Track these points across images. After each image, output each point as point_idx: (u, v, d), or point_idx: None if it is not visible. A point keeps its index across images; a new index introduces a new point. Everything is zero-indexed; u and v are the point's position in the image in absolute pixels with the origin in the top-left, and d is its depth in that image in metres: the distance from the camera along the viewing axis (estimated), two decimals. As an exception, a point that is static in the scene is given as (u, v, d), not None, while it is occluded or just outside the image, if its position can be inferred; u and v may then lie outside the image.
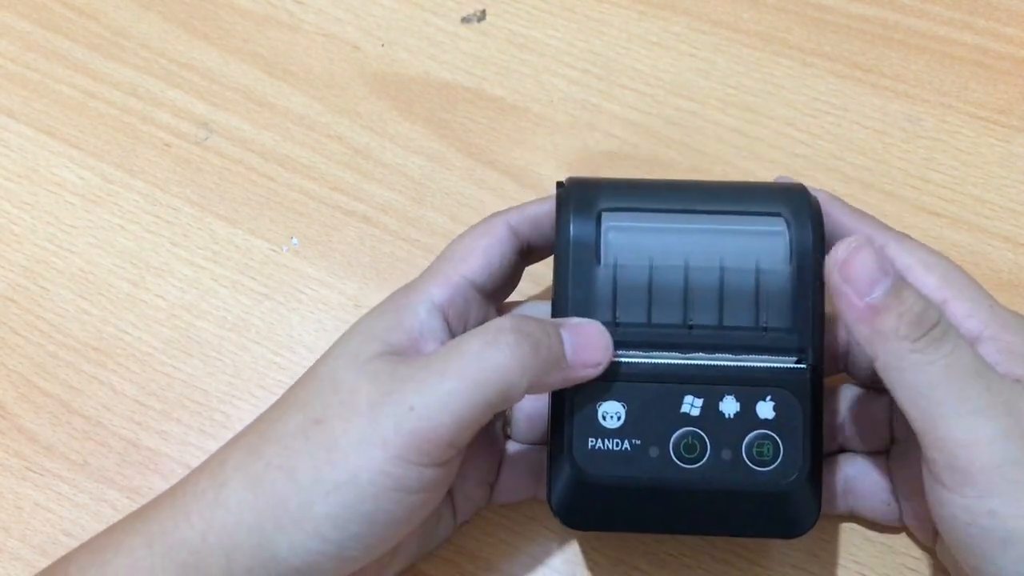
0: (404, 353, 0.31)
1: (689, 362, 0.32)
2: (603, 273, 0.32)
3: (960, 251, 0.42)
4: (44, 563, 0.38)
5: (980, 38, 0.47)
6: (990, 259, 0.42)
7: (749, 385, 0.32)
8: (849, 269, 0.29)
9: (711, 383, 0.32)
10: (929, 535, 0.35)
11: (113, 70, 0.49)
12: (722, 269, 0.32)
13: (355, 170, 0.46)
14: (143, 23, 0.51)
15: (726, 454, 0.32)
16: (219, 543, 0.29)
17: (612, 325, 0.32)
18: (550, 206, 0.34)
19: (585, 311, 0.32)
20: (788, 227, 0.32)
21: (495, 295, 0.35)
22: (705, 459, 0.32)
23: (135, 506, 0.39)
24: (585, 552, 0.37)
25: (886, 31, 0.48)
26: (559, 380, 0.31)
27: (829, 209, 0.34)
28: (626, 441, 0.32)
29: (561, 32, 0.49)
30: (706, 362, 0.32)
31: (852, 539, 0.37)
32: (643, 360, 0.32)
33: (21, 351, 0.43)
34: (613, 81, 0.47)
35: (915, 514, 0.35)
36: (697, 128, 0.46)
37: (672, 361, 0.32)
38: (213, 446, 0.40)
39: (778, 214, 0.33)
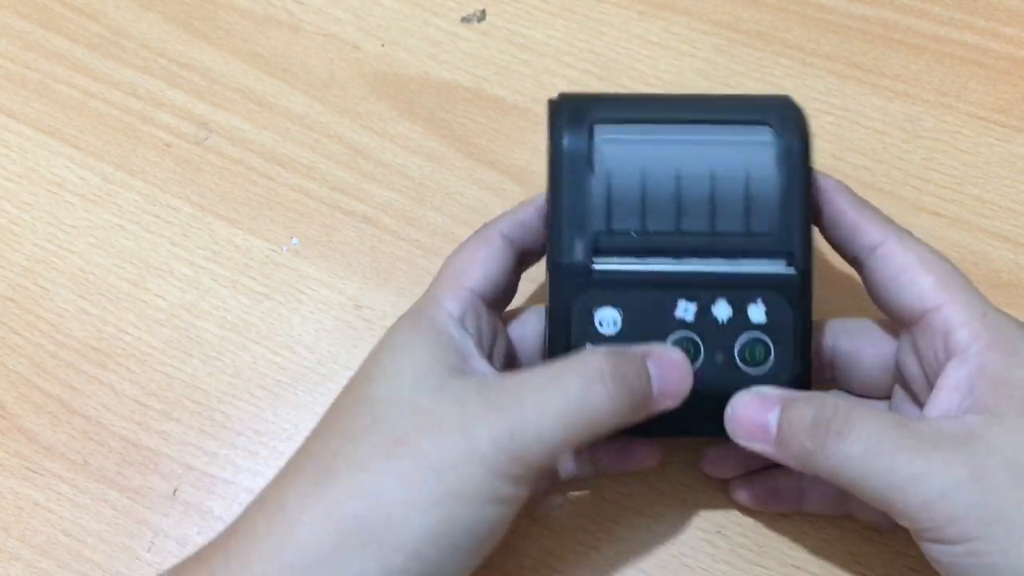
0: (458, 366, 0.31)
1: (682, 268, 0.33)
2: (596, 182, 0.33)
3: (960, 251, 0.42)
4: (44, 563, 0.38)
5: (980, 38, 0.47)
6: (990, 259, 0.42)
7: (741, 289, 0.33)
8: (741, 427, 0.31)
9: (704, 288, 0.33)
10: (881, 524, 0.35)
11: (113, 70, 0.49)
12: (712, 177, 0.33)
13: (355, 170, 0.46)
14: (143, 23, 0.51)
15: (719, 357, 0.32)
16: None
17: (606, 233, 0.33)
18: (537, 207, 0.35)
19: (580, 220, 0.33)
20: (775, 136, 0.33)
21: (497, 304, 0.35)
22: (699, 362, 0.32)
23: (135, 506, 0.39)
24: (585, 552, 0.37)
25: (886, 31, 0.48)
26: (643, 415, 0.31)
27: (834, 198, 0.34)
28: (622, 342, 0.32)
29: (561, 32, 0.49)
30: (698, 268, 0.33)
31: (852, 539, 0.37)
32: (637, 267, 0.33)
33: (21, 351, 0.43)
34: (613, 81, 0.47)
35: (862, 512, 0.35)
36: (697, 128, 0.46)
37: (665, 267, 0.33)
38: (213, 446, 0.40)
39: (765, 123, 0.33)
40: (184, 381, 0.42)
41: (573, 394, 0.29)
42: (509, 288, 0.36)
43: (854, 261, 0.34)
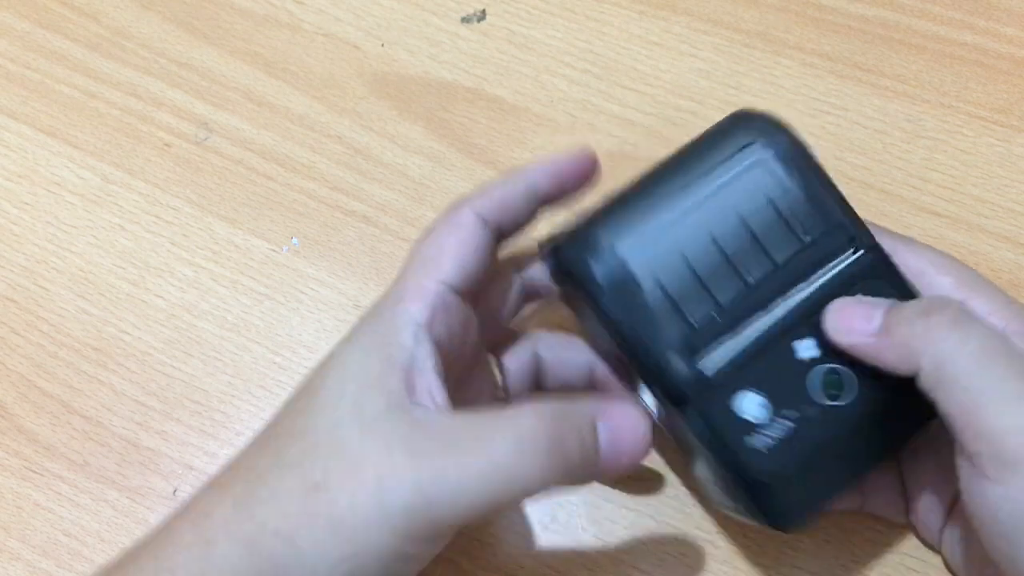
0: (399, 394, 0.29)
1: (774, 315, 0.32)
2: (649, 293, 0.32)
3: (960, 251, 0.42)
4: (44, 563, 0.38)
5: (980, 38, 0.47)
6: (990, 259, 0.42)
7: (837, 296, 0.32)
8: (841, 320, 0.30)
9: (805, 317, 0.31)
10: (933, 534, 0.35)
11: (113, 70, 0.49)
12: (741, 219, 0.32)
13: (355, 170, 0.46)
14: (143, 23, 0.51)
15: (862, 370, 0.31)
16: None
17: (691, 332, 0.31)
18: (516, 187, 0.33)
19: (663, 340, 0.31)
20: (765, 146, 0.33)
21: (472, 293, 0.34)
22: (848, 387, 0.31)
23: (135, 506, 0.39)
24: (585, 552, 0.37)
25: (886, 31, 0.48)
26: (588, 480, 0.30)
27: None
28: (779, 419, 0.31)
29: (561, 32, 0.49)
30: (787, 304, 0.32)
31: (853, 539, 0.37)
32: (738, 342, 0.31)
33: (21, 351, 0.43)
34: (613, 81, 0.47)
35: (922, 512, 0.35)
36: (697, 128, 0.46)
37: (760, 324, 0.31)
38: (213, 446, 0.40)
39: (750, 142, 0.33)
40: (184, 381, 0.42)
41: (500, 458, 0.27)
42: (485, 274, 0.33)
43: None
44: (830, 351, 0.31)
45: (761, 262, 0.32)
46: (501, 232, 0.33)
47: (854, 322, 0.30)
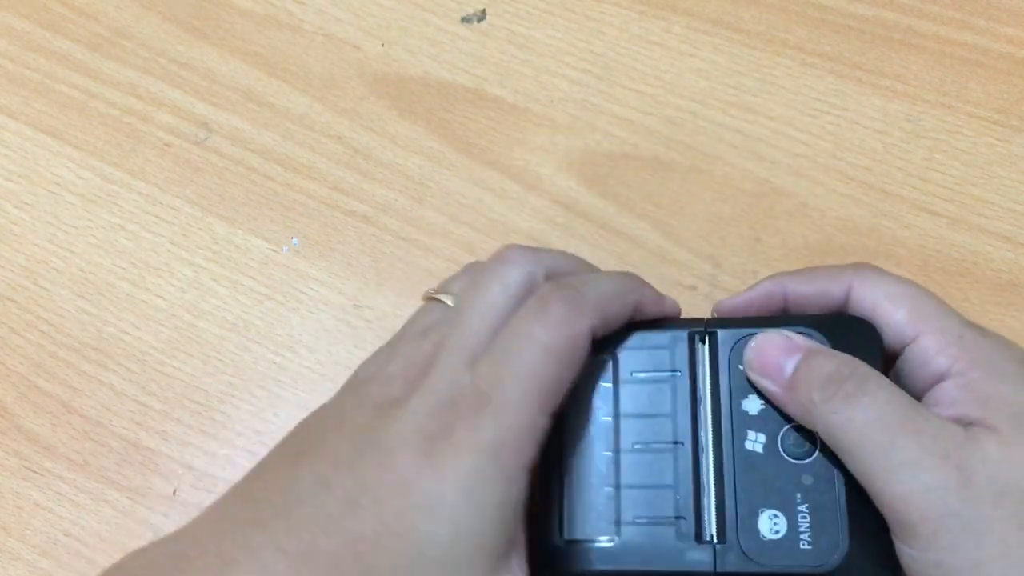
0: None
1: (705, 443, 0.31)
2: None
3: (960, 251, 0.42)
4: (44, 563, 0.38)
5: (980, 38, 0.47)
6: (990, 259, 0.42)
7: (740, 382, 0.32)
8: (759, 362, 0.31)
9: (728, 420, 0.31)
10: None
11: (113, 70, 0.49)
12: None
13: (355, 170, 0.46)
14: (143, 23, 0.51)
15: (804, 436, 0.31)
16: None
17: (680, 525, 0.31)
18: (626, 309, 0.31)
19: (677, 558, 0.31)
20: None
21: None
22: (811, 446, 0.31)
23: (135, 506, 0.39)
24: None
25: (886, 31, 0.48)
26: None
27: (783, 286, 0.33)
28: (800, 515, 0.30)
29: (561, 32, 0.49)
30: (706, 429, 0.31)
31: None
32: (706, 492, 0.31)
33: (21, 351, 0.43)
34: (613, 81, 0.47)
35: None
36: (697, 128, 0.46)
37: (704, 460, 0.31)
38: (213, 446, 0.40)
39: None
40: (184, 381, 0.42)
41: None
42: None
43: None
44: (770, 423, 0.31)
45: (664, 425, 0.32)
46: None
47: (768, 366, 0.30)
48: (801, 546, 0.30)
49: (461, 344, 0.28)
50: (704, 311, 0.42)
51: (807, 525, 0.30)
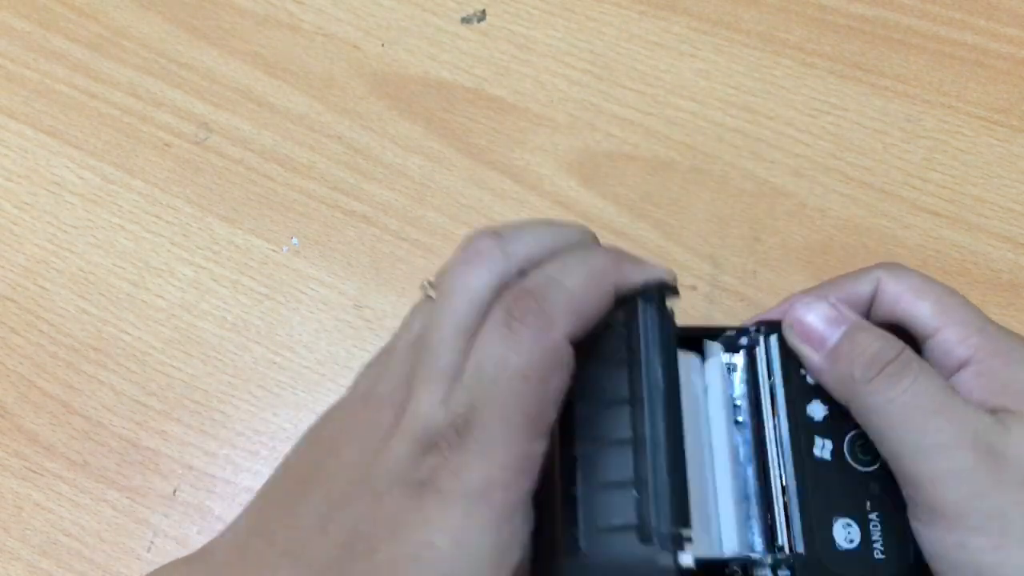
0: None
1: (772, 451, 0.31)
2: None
3: (960, 251, 0.42)
4: (44, 563, 0.38)
5: (980, 38, 0.47)
6: (990, 259, 0.42)
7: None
8: (802, 328, 0.31)
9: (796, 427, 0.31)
10: None
11: (113, 70, 0.49)
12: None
13: (355, 170, 0.46)
14: (143, 23, 0.51)
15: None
16: None
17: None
18: (605, 300, 0.28)
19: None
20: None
21: None
22: (876, 454, 0.30)
23: (135, 506, 0.39)
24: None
25: (886, 31, 0.48)
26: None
27: (821, 294, 0.33)
28: (871, 524, 0.30)
29: (561, 32, 0.49)
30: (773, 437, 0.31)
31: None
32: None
33: (21, 351, 0.43)
34: (613, 81, 0.47)
35: None
36: (697, 128, 0.46)
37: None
38: (213, 446, 0.40)
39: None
40: (184, 381, 0.42)
41: None
42: None
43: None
44: (836, 429, 0.31)
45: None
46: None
47: (811, 332, 0.31)
48: (875, 555, 0.30)
49: (429, 375, 0.27)
50: (704, 311, 0.42)
51: (879, 534, 0.30)
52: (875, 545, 0.30)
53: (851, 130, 0.45)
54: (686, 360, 0.32)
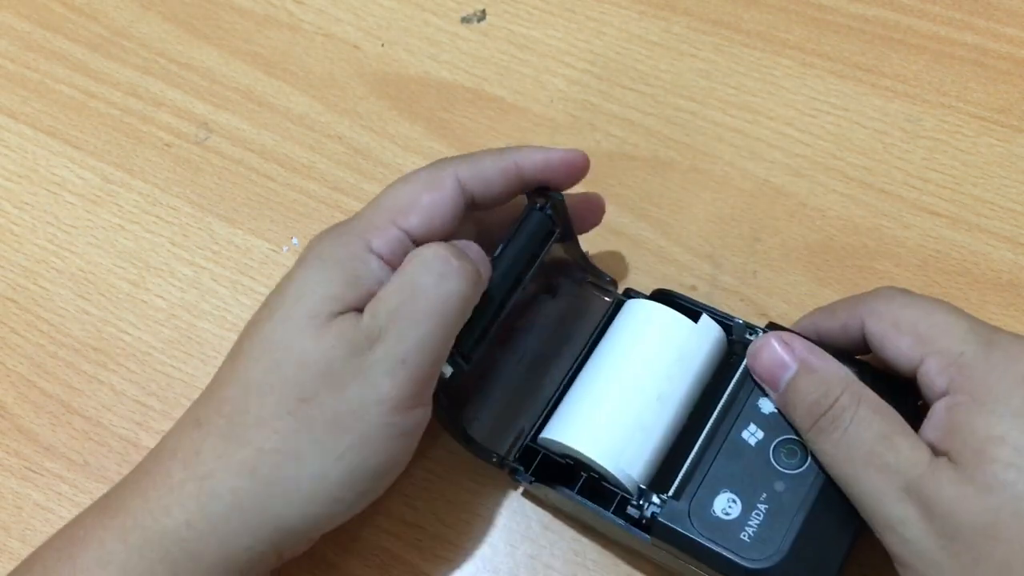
0: (360, 306, 0.31)
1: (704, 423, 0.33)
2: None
3: (960, 251, 0.42)
4: (44, 563, 0.38)
5: (980, 38, 0.47)
6: (990, 259, 0.42)
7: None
8: (758, 366, 0.32)
9: (727, 413, 0.33)
10: None
11: (113, 70, 0.49)
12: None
13: (355, 170, 0.46)
14: (143, 23, 0.51)
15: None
16: (212, 529, 0.30)
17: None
18: (503, 164, 0.34)
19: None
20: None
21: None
22: (802, 452, 0.32)
23: (135, 506, 0.39)
24: (587, 552, 0.37)
25: (886, 31, 0.48)
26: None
27: (806, 325, 0.35)
28: (755, 511, 0.31)
29: (561, 32, 0.49)
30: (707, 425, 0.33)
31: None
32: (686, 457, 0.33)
33: (21, 351, 0.43)
34: (613, 81, 0.47)
35: None
36: (697, 128, 0.46)
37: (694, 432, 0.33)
38: (213, 446, 0.40)
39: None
40: (184, 381, 0.42)
41: (432, 292, 0.30)
42: (447, 236, 0.33)
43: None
44: (774, 427, 0.32)
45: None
46: (475, 203, 0.34)
47: (765, 373, 0.32)
48: (741, 535, 0.31)
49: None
50: (704, 311, 0.42)
51: (757, 522, 0.31)
52: (747, 528, 0.31)
53: (851, 130, 0.45)
54: (679, 319, 0.35)
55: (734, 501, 0.31)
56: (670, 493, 0.32)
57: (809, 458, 0.31)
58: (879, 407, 0.30)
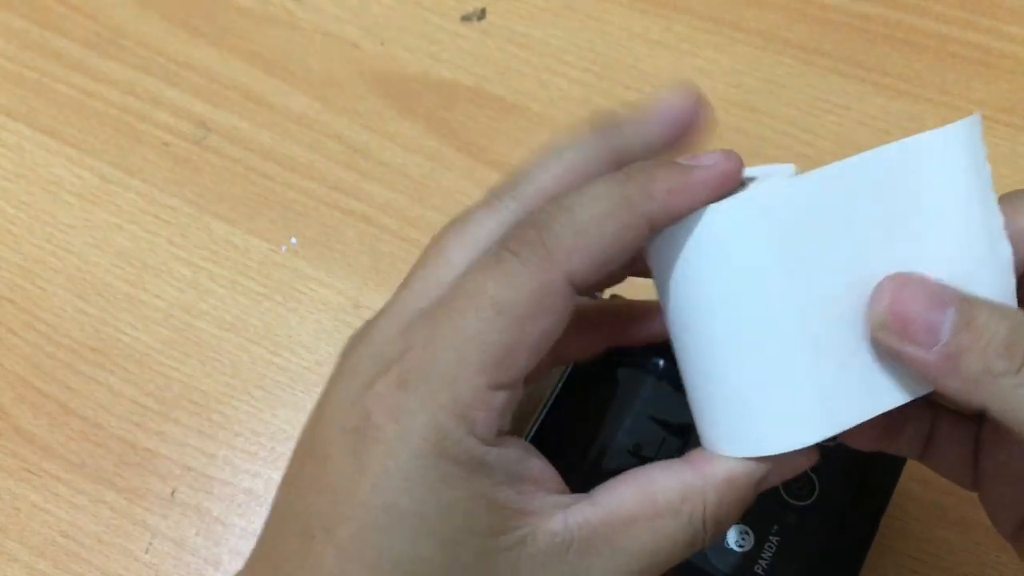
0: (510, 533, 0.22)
1: None
2: None
3: (963, 251, 0.42)
4: (42, 564, 0.38)
5: (983, 37, 0.47)
6: (993, 259, 0.42)
7: None
8: (898, 320, 0.22)
9: None
10: (1007, 529, 0.29)
11: (111, 69, 0.49)
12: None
13: (355, 170, 0.46)
14: (141, 22, 0.50)
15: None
16: None
17: None
18: (627, 237, 0.23)
19: None
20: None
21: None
22: (811, 485, 0.32)
23: (133, 507, 0.39)
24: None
25: (888, 30, 0.47)
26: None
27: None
28: (767, 543, 0.31)
29: (561, 31, 0.49)
30: None
31: None
32: None
33: (19, 351, 0.42)
34: (614, 80, 0.47)
35: (995, 502, 0.29)
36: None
37: None
38: (211, 447, 0.40)
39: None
40: (182, 382, 0.41)
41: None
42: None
43: None
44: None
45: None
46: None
47: (913, 324, 0.22)
48: (755, 569, 0.31)
49: (400, 308, 0.23)
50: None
51: (771, 555, 0.31)
52: (761, 561, 0.31)
53: (853, 129, 0.45)
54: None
55: (747, 533, 0.31)
56: None
57: (817, 490, 0.31)
58: None
